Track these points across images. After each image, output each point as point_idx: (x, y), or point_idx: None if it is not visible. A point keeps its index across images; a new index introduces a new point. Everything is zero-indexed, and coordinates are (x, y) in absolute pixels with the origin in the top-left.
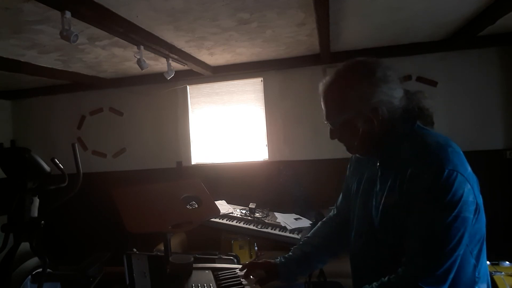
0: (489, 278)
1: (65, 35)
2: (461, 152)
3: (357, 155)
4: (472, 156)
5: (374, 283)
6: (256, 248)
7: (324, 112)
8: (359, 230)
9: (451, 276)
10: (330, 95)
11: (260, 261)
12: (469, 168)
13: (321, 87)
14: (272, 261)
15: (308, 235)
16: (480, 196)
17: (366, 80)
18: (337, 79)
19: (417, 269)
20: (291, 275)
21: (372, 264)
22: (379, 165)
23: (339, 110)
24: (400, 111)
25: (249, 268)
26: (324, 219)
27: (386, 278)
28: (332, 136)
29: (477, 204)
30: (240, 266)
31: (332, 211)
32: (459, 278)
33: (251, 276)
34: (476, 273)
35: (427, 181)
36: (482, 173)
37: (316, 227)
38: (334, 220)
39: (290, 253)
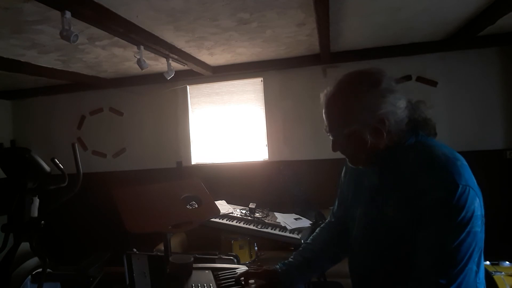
0: (485, 282)
1: (65, 35)
2: (466, 164)
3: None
4: (472, 156)
5: None
6: (256, 248)
7: (326, 124)
8: (361, 240)
9: None
10: (334, 106)
11: (259, 270)
12: (474, 179)
13: (323, 98)
14: (272, 268)
15: (308, 241)
16: (483, 209)
17: (372, 90)
18: (341, 90)
19: (430, 285)
20: (292, 281)
21: (375, 274)
22: (382, 175)
23: (344, 122)
24: (405, 121)
25: (247, 277)
26: (322, 225)
27: None
28: (335, 148)
29: (482, 217)
30: (240, 266)
31: (329, 217)
32: (465, 285)
33: (251, 281)
34: (477, 279)
35: (441, 197)
36: (482, 173)
37: (314, 233)
38: (332, 226)
39: (291, 259)
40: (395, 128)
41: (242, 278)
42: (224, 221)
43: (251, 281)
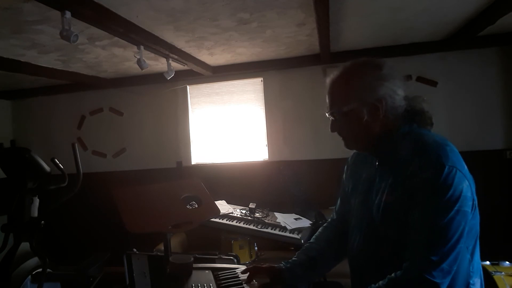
0: (481, 273)
1: (65, 35)
2: (458, 151)
3: (353, 157)
4: (472, 156)
5: (381, 281)
6: (256, 248)
7: (328, 103)
8: (358, 228)
9: (455, 268)
10: (337, 85)
11: (264, 265)
12: (466, 167)
13: (327, 80)
14: (276, 266)
15: (311, 240)
16: (475, 195)
17: (373, 73)
18: (345, 71)
19: (423, 262)
20: (296, 280)
21: (373, 260)
22: (378, 164)
23: (345, 100)
24: (401, 109)
25: (252, 272)
26: (325, 224)
27: (393, 275)
28: (333, 128)
29: (473, 201)
30: (240, 266)
31: (332, 216)
32: (457, 272)
33: (254, 281)
34: (471, 268)
35: (429, 177)
36: (481, 173)
37: (317, 232)
38: (335, 224)
39: (295, 258)
40: (391, 113)
41: (248, 273)
42: (224, 221)
43: (254, 282)
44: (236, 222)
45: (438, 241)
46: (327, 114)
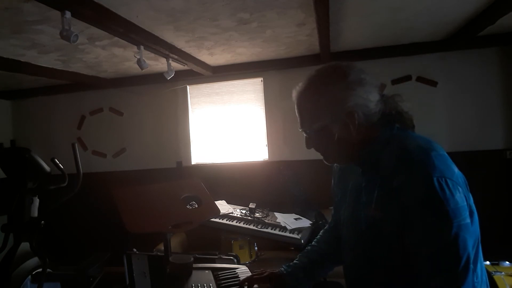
0: (487, 280)
1: (65, 35)
2: (445, 153)
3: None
4: (472, 156)
5: None
6: (256, 248)
7: (298, 120)
8: (349, 242)
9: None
10: (303, 102)
11: (263, 274)
12: (456, 169)
13: (294, 94)
14: (277, 271)
15: (312, 243)
16: (470, 195)
17: (339, 83)
18: (309, 85)
19: None
20: (298, 283)
21: (365, 275)
22: (363, 174)
23: (313, 117)
24: (377, 115)
25: (251, 283)
26: (325, 227)
27: None
28: (308, 145)
29: (470, 207)
30: (240, 266)
31: (330, 222)
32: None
33: (255, 286)
34: (475, 278)
35: (419, 194)
36: (481, 173)
37: (318, 235)
38: (333, 229)
39: (296, 261)
40: (366, 122)
41: (246, 283)
42: (224, 221)
43: (255, 286)
44: (236, 222)
45: (450, 265)
46: (299, 129)
